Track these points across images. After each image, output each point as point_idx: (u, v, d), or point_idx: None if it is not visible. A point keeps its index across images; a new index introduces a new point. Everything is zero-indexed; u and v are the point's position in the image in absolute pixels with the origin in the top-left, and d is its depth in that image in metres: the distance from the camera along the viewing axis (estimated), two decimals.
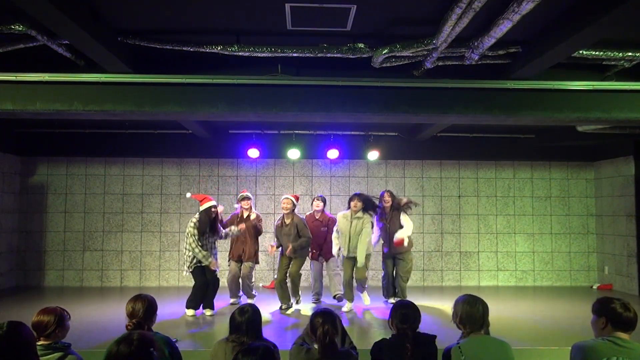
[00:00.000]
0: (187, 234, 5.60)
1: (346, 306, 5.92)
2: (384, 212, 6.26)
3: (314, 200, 6.36)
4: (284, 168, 8.21)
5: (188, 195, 6.41)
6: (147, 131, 7.83)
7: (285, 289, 5.88)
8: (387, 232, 6.20)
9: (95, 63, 4.82)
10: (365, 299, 6.20)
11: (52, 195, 7.99)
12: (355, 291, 6.18)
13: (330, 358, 2.49)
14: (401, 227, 6.13)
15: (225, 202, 8.06)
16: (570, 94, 5.29)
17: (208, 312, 5.70)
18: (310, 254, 6.20)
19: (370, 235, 5.98)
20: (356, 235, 5.82)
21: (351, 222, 5.85)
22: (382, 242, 6.39)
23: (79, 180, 8.05)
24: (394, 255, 6.24)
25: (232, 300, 6.32)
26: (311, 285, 6.51)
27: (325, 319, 2.55)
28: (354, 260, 5.81)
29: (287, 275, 5.89)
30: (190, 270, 5.67)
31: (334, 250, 6.07)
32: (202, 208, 5.62)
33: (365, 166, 8.27)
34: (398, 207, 6.24)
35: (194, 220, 5.62)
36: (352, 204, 5.90)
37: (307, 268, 6.67)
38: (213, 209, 5.67)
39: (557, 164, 8.43)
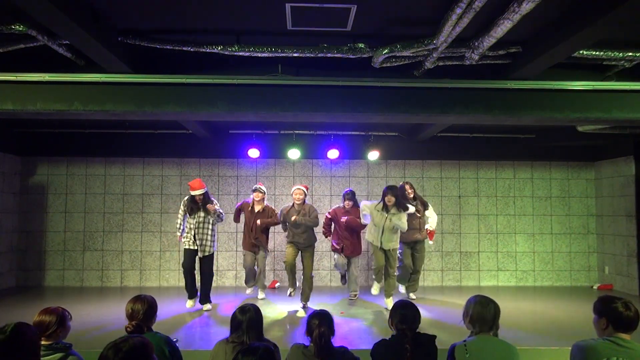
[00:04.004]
0: None
1: (376, 287, 6.23)
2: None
3: (345, 200, 6.29)
4: (284, 168, 8.22)
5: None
6: (147, 131, 7.83)
7: (295, 272, 6.03)
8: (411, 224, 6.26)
9: (95, 63, 4.81)
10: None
11: (52, 195, 8.00)
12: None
13: (327, 357, 2.52)
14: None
15: (225, 202, 8.08)
16: (570, 94, 5.29)
17: (205, 307, 5.81)
18: (335, 246, 6.33)
19: (406, 225, 5.99)
20: (390, 230, 5.84)
21: (387, 218, 5.81)
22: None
23: (79, 180, 8.05)
24: (412, 245, 6.41)
25: (248, 291, 6.57)
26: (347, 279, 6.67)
27: (322, 321, 2.59)
28: (385, 251, 5.93)
29: (302, 275, 5.97)
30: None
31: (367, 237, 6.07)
32: (190, 193, 5.88)
33: (365, 166, 8.27)
34: (421, 200, 6.45)
35: (186, 198, 5.98)
36: (386, 199, 5.82)
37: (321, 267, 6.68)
38: (198, 198, 5.85)
39: (557, 164, 8.43)
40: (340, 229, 6.25)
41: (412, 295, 6.64)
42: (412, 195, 6.37)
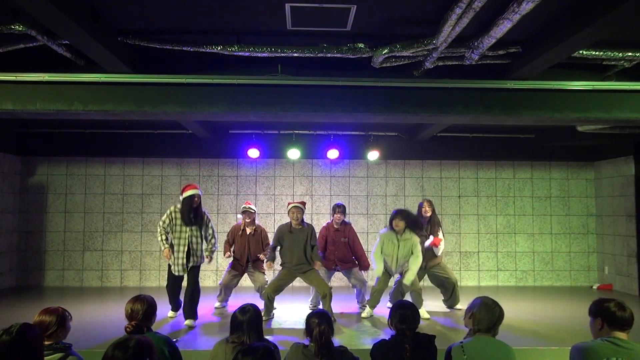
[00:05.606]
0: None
1: (366, 312, 5.65)
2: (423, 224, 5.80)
3: (335, 212, 5.84)
4: (284, 168, 8.22)
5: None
6: (147, 131, 7.83)
7: (273, 300, 5.51)
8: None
9: (95, 63, 4.81)
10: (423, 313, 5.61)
11: (52, 195, 8.00)
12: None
13: (327, 356, 2.52)
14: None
15: (225, 202, 8.08)
16: (570, 94, 5.29)
17: (188, 322, 5.21)
18: (325, 262, 5.85)
19: (421, 257, 5.46)
20: (404, 258, 5.42)
21: (398, 245, 5.40)
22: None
23: (79, 180, 8.05)
24: (430, 270, 5.89)
25: (217, 304, 6.09)
26: (312, 294, 6.11)
27: (321, 320, 2.60)
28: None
29: (324, 294, 5.31)
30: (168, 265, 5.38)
31: (377, 271, 5.48)
32: (183, 196, 5.25)
33: (365, 166, 8.27)
34: (436, 221, 5.92)
35: (172, 208, 5.33)
36: (393, 223, 5.40)
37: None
38: (196, 198, 5.27)
39: (557, 164, 8.44)
40: (336, 248, 5.81)
41: (458, 305, 5.98)
42: (429, 214, 5.84)
